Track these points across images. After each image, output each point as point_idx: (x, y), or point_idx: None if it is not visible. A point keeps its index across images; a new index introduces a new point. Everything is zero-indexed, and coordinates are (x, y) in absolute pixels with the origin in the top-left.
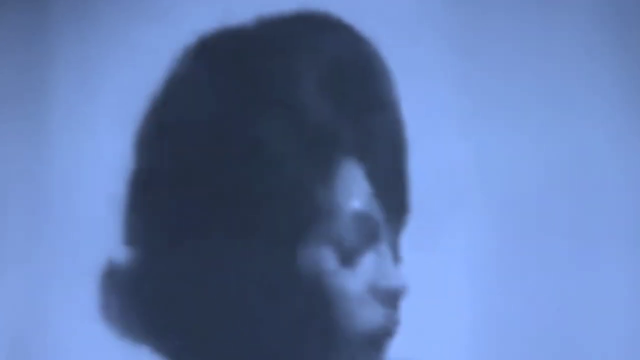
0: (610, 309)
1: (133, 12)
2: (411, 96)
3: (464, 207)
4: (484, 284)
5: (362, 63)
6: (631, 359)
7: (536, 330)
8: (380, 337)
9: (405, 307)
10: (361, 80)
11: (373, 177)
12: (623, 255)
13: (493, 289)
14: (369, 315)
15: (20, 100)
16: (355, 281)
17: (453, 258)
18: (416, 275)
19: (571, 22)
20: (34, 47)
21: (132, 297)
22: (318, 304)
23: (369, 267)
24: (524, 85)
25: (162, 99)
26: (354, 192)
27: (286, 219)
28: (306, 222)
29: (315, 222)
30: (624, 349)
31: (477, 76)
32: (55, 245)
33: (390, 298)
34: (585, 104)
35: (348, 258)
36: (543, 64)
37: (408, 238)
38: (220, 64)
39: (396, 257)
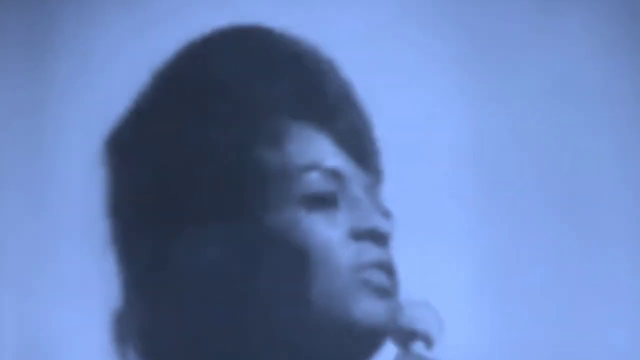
0: (611, 303)
1: (134, 10)
2: (413, 96)
3: (468, 203)
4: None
5: (290, 46)
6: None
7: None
8: (375, 273)
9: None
10: (292, 57)
11: (337, 134)
12: (626, 246)
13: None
14: (353, 255)
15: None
16: (334, 230)
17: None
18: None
19: (580, 17)
20: (36, 29)
21: (140, 341)
22: (301, 262)
23: (346, 214)
24: (530, 80)
25: (134, 116)
26: (315, 150)
27: (243, 193)
28: (261, 187)
29: (273, 185)
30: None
31: (482, 73)
32: (59, 235)
33: (374, 238)
34: (591, 100)
35: (323, 211)
36: (550, 58)
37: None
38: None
39: (381, 209)
